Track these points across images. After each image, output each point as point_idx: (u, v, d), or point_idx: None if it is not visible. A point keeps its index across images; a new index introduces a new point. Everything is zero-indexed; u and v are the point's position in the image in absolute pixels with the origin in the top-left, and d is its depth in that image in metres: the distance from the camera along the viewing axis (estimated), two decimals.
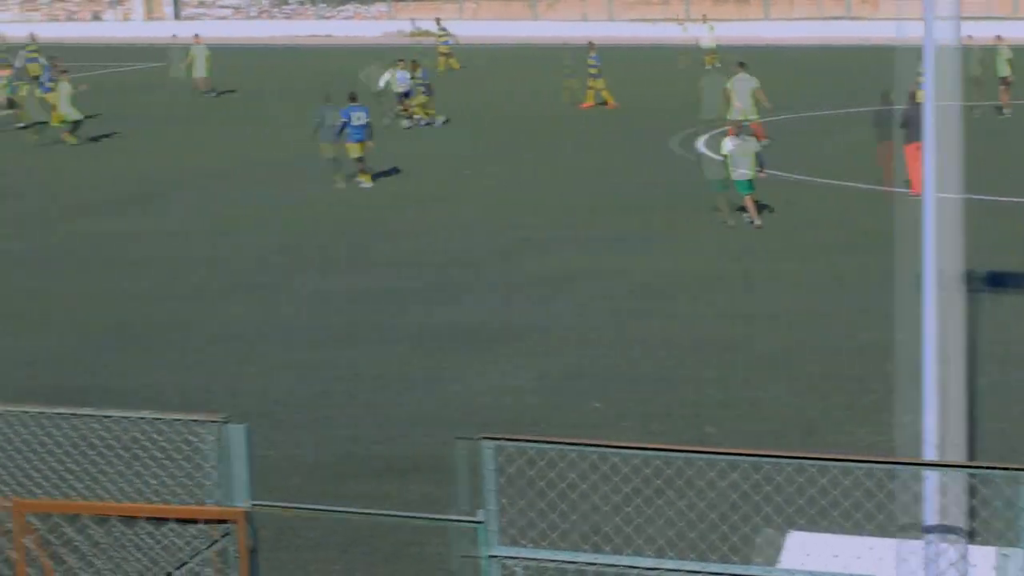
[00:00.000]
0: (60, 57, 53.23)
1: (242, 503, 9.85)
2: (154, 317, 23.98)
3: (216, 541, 9.95)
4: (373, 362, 21.27)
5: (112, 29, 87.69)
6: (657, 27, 78.02)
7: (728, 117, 37.64)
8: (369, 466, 17.16)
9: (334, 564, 14.52)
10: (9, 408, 10.08)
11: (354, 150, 35.57)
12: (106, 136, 45.44)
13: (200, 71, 56.38)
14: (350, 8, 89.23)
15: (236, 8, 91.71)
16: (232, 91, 57.32)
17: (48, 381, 20.44)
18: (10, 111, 48.48)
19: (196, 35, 59.96)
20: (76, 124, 44.15)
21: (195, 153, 41.92)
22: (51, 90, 46.72)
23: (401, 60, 48.27)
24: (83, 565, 13.23)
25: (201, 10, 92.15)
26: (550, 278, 25.96)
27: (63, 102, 43.83)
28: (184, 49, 58.43)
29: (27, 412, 10.06)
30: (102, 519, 13.34)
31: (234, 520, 9.79)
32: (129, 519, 11.47)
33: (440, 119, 46.45)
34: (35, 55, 56.06)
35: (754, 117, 39.49)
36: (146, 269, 27.42)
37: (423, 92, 46.60)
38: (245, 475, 9.89)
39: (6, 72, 51.42)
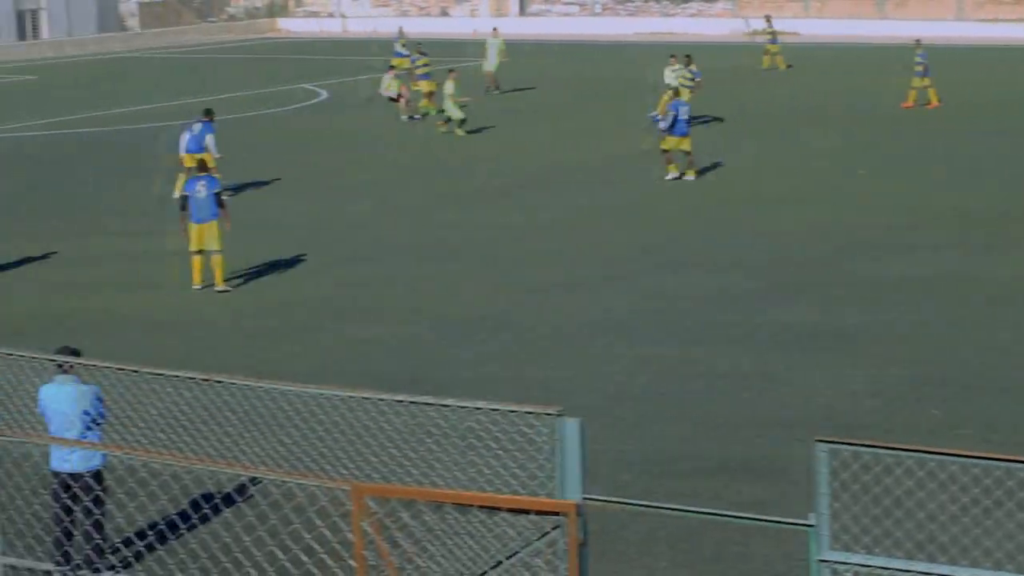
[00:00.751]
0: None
1: (573, 496, 9.90)
2: (498, 309, 24.33)
3: (547, 533, 10.02)
4: (706, 361, 21.18)
5: (459, 25, 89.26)
6: (1008, 27, 75.87)
7: None
8: (697, 465, 17.09)
9: (659, 561, 14.51)
10: (351, 394, 10.34)
11: (681, 143, 36.07)
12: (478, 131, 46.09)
13: (490, 65, 55.88)
14: (694, 6, 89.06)
15: (582, 5, 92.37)
16: (527, 88, 56.85)
17: (395, 368, 20.93)
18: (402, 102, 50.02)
19: (494, 28, 59.68)
20: (452, 120, 44.71)
21: (549, 149, 42.28)
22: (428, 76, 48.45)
23: (673, 56, 48.18)
24: (417, 550, 13.50)
25: (546, 7, 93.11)
26: (891, 282, 25.46)
27: (446, 101, 44.60)
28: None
29: (368, 398, 10.30)
30: (437, 506, 13.60)
31: (565, 512, 9.84)
32: (463, 507, 11.62)
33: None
34: (404, 49, 56.73)
35: None
36: (494, 261, 27.83)
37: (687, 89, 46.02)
38: (577, 469, 9.93)
39: (401, 64, 52.67)
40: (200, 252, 25.64)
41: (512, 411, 10.03)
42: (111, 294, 25.67)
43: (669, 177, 36.17)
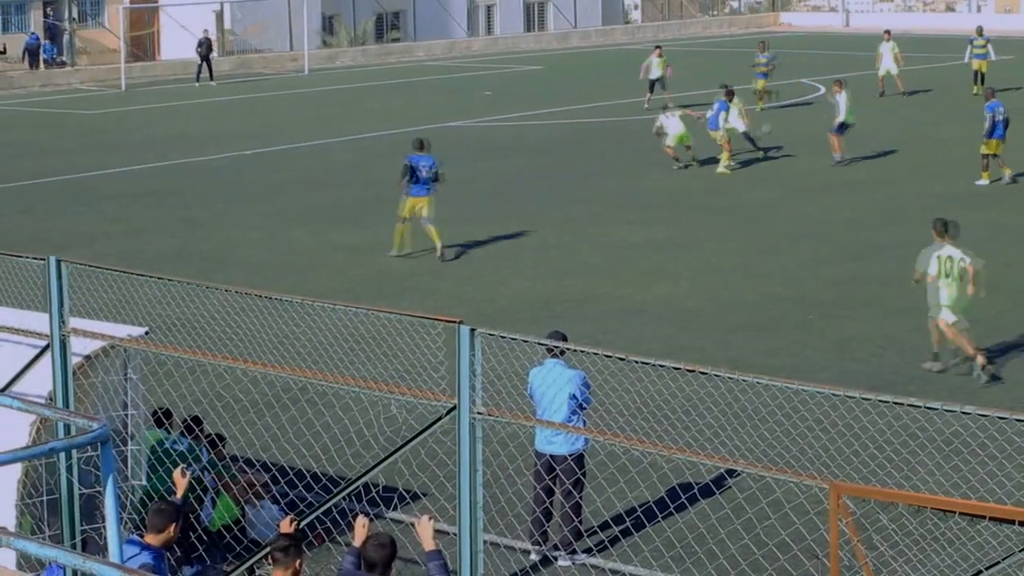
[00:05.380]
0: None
1: None
2: (986, 312, 23.56)
3: None
4: None
5: (964, 21, 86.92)
6: None
7: None
8: None
9: None
10: (834, 392, 10.17)
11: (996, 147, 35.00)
12: None
13: (885, 68, 53.34)
14: None
15: None
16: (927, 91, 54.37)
17: (878, 367, 20.58)
18: None
19: (886, 31, 56.70)
20: None
21: None
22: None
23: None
24: (894, 554, 13.23)
25: None
26: None
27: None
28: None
29: (851, 396, 10.11)
30: (916, 510, 13.29)
31: None
32: (944, 513, 11.31)
33: None
34: (983, 50, 54.31)
35: None
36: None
37: None
38: None
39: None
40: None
41: (1001, 417, 9.64)
42: (596, 280, 26.11)
43: (979, 183, 34.94)
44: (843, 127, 38.50)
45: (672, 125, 37.87)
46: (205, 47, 62.84)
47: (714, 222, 31.24)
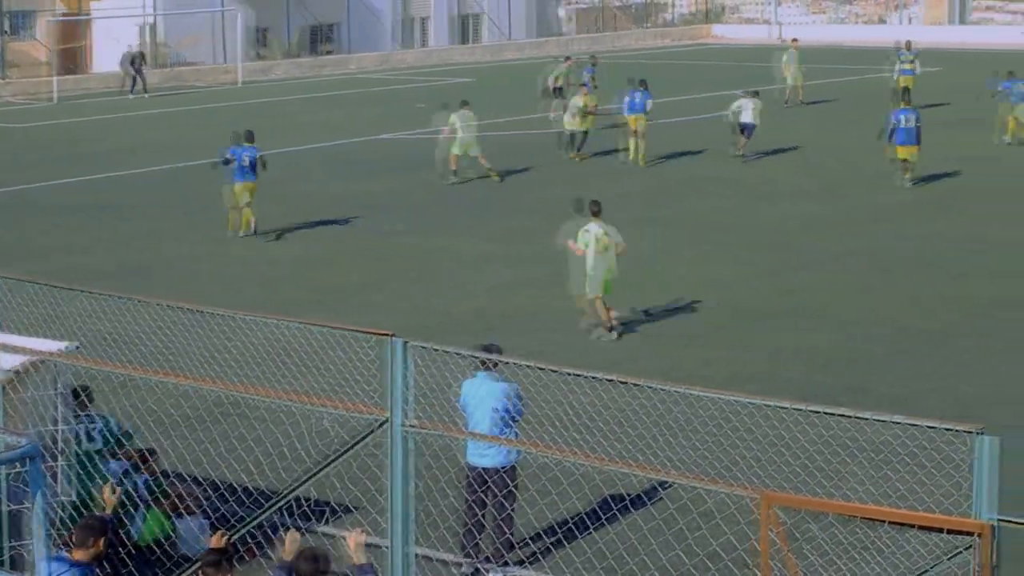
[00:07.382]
0: None
1: (988, 517, 9.56)
2: (940, 322, 23.75)
3: (958, 553, 9.70)
4: None
5: (895, 33, 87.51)
6: None
7: None
8: None
9: None
10: (765, 402, 10.24)
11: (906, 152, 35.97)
12: None
13: (790, 78, 54.26)
14: None
15: None
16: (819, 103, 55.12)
17: (821, 378, 20.69)
18: None
19: (794, 39, 57.54)
20: None
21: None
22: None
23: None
24: (824, 563, 13.31)
25: (988, 15, 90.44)
26: None
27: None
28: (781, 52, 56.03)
29: (783, 407, 10.16)
30: (846, 519, 13.35)
31: (978, 533, 9.51)
32: (873, 522, 11.37)
33: None
34: (911, 66, 54.28)
35: None
36: (936, 273, 27.19)
37: None
38: (994, 489, 9.58)
39: None
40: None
41: (931, 427, 9.72)
42: (535, 292, 26.13)
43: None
44: (745, 128, 40.60)
45: (461, 128, 37.81)
46: (139, 60, 62.48)
47: (663, 231, 31.28)
